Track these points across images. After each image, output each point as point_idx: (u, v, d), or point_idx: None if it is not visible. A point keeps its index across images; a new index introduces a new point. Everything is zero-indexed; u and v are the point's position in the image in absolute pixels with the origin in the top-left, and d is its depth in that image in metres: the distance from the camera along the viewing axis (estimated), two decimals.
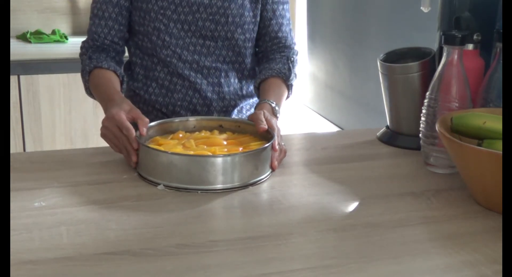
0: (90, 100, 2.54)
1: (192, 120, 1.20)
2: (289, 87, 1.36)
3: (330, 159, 1.18)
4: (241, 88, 1.42)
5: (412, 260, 0.78)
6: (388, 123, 1.30)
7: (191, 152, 1.05)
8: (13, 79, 2.38)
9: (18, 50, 2.51)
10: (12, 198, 0.93)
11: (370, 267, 0.76)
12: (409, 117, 1.24)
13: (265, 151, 1.04)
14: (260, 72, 1.38)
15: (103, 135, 1.13)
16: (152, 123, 1.15)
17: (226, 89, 1.39)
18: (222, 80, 1.38)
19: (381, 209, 0.94)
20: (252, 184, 1.02)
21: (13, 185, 0.98)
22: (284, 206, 0.95)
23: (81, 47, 1.35)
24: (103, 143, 1.13)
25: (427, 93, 1.10)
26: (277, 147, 1.07)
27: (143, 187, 1.01)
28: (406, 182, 1.06)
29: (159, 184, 1.00)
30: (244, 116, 1.44)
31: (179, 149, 1.07)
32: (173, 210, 0.93)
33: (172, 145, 1.10)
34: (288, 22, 1.43)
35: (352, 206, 0.97)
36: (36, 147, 2.48)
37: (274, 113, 1.22)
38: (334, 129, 2.47)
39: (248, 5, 1.35)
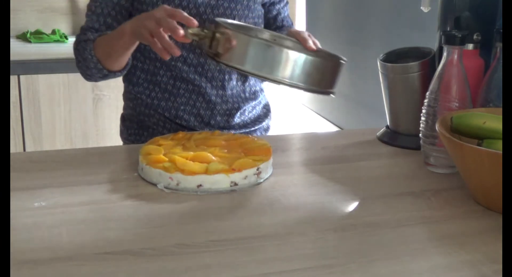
0: (90, 100, 2.56)
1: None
2: None
3: (330, 159, 1.18)
4: (243, 91, 1.41)
5: (412, 260, 0.78)
6: (388, 123, 1.30)
7: (191, 153, 1.05)
8: (13, 79, 2.39)
9: (18, 50, 2.51)
10: (12, 198, 0.93)
11: (370, 267, 0.76)
12: (409, 117, 1.24)
13: (336, 63, 1.09)
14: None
15: (143, 25, 1.09)
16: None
17: (229, 92, 1.38)
18: (226, 83, 1.37)
19: (381, 209, 0.94)
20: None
21: (13, 185, 0.98)
22: (284, 206, 0.95)
23: (75, 42, 1.31)
24: (103, 143, 1.13)
25: (427, 93, 1.10)
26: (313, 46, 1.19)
27: (143, 187, 1.01)
28: (406, 182, 1.06)
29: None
30: (246, 118, 1.43)
31: (179, 149, 1.07)
32: (173, 210, 0.93)
33: (172, 145, 1.10)
34: (291, 21, 1.49)
35: (352, 206, 0.97)
36: (36, 147, 2.48)
37: None
38: (334, 129, 2.47)
39: (252, 6, 1.36)
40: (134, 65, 1.38)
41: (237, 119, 1.41)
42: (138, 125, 1.42)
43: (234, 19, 1.33)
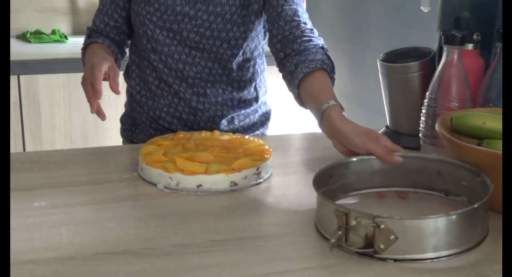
0: None
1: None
2: (332, 81, 1.20)
3: (331, 159, 1.17)
4: (231, 99, 1.36)
5: (412, 260, 0.78)
6: (388, 123, 1.30)
7: (191, 153, 1.05)
8: (13, 79, 2.38)
9: (18, 50, 2.51)
10: (12, 198, 0.93)
11: (370, 267, 0.76)
12: (409, 117, 1.24)
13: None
14: (296, 66, 1.18)
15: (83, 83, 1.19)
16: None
17: (213, 99, 1.33)
18: (208, 91, 1.33)
19: (381, 209, 0.94)
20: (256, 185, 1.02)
21: (13, 185, 0.98)
22: (284, 206, 0.95)
23: (86, 31, 1.38)
24: (103, 143, 1.13)
25: (427, 93, 1.10)
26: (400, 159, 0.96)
27: (143, 187, 1.01)
28: None
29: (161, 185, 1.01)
30: (237, 126, 1.39)
31: (179, 149, 1.07)
32: (173, 210, 0.93)
33: (172, 145, 1.10)
34: (303, 10, 1.27)
35: (352, 206, 0.97)
36: (36, 147, 2.48)
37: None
38: None
39: (239, 21, 1.28)
40: (132, 59, 1.39)
41: (224, 127, 1.36)
42: (131, 121, 1.43)
43: (213, 32, 1.26)
